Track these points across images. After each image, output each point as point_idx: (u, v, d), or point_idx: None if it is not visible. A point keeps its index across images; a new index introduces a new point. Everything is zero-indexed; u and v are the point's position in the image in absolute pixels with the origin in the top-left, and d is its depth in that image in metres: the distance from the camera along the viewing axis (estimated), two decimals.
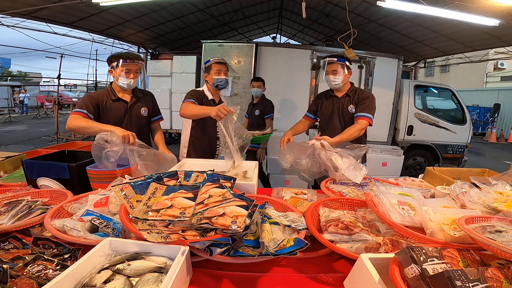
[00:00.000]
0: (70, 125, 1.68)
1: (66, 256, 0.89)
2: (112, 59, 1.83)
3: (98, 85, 13.14)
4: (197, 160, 1.91)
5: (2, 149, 7.07)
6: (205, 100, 2.16)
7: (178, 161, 2.04)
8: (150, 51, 7.14)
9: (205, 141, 2.24)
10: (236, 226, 0.87)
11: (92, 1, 3.56)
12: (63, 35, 6.07)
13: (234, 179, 1.23)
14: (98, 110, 1.82)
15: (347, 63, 2.09)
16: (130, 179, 1.16)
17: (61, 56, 9.51)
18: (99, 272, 0.78)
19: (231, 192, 1.09)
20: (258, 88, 3.41)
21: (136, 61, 1.82)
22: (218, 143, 2.29)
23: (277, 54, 4.51)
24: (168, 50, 7.72)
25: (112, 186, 1.11)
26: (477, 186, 1.29)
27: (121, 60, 1.79)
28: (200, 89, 2.23)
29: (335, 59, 2.08)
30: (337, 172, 1.63)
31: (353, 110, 2.12)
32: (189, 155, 2.20)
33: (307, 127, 2.36)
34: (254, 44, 4.43)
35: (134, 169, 1.50)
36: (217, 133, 2.26)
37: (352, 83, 2.20)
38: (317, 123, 2.33)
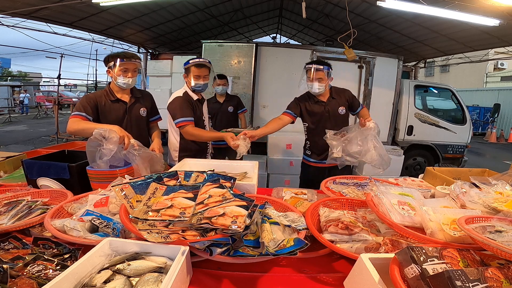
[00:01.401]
0: (70, 129, 1.68)
1: (66, 256, 0.90)
2: (109, 59, 1.82)
3: (98, 85, 13.12)
4: (197, 160, 1.90)
5: (2, 149, 7.07)
6: (193, 103, 2.07)
7: (170, 165, 2.02)
8: (150, 51, 7.14)
9: (196, 144, 2.16)
10: (236, 226, 0.87)
11: (92, 1, 3.55)
12: (63, 35, 6.06)
13: (234, 179, 1.23)
14: (97, 111, 1.81)
15: (330, 69, 2.14)
16: (130, 179, 1.16)
17: (61, 56, 9.51)
18: (99, 272, 0.78)
19: (231, 192, 1.09)
20: (223, 86, 3.36)
21: (133, 60, 1.81)
22: (208, 144, 2.25)
23: (277, 54, 4.51)
24: (168, 50, 7.71)
25: (112, 186, 1.11)
26: (477, 186, 1.29)
27: (118, 60, 1.78)
28: (183, 91, 2.09)
29: (321, 67, 2.08)
30: (371, 151, 1.89)
31: (344, 111, 2.22)
32: (181, 159, 2.05)
33: (286, 123, 2.27)
34: (254, 44, 4.42)
35: (136, 169, 1.51)
36: None
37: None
38: (305, 125, 2.35)
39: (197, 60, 2.00)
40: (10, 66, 26.97)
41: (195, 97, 2.11)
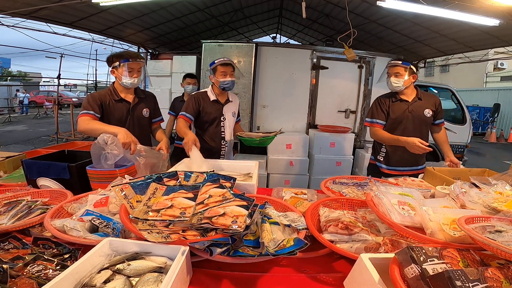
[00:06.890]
0: (81, 128, 1.70)
1: (66, 256, 0.89)
2: (113, 59, 1.82)
3: (98, 85, 13.15)
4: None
5: (2, 149, 7.06)
6: (206, 102, 2.19)
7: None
8: (150, 51, 7.14)
9: (208, 142, 2.23)
10: (236, 226, 0.87)
11: (92, 1, 3.55)
12: (63, 35, 6.05)
13: (234, 179, 1.23)
14: (102, 109, 1.82)
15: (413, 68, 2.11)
16: (130, 179, 1.16)
17: (61, 56, 9.53)
18: (99, 272, 0.78)
19: (231, 192, 1.09)
20: (193, 86, 3.40)
21: (137, 60, 1.83)
22: (223, 143, 2.27)
23: (277, 54, 4.50)
24: (168, 50, 7.71)
25: (112, 186, 1.11)
26: (477, 186, 1.29)
27: (123, 60, 1.79)
28: (203, 90, 2.26)
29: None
30: None
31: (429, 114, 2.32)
32: None
33: None
34: (254, 44, 4.42)
35: (138, 167, 1.52)
36: (222, 134, 2.26)
37: None
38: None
39: (222, 59, 2.15)
40: (10, 66, 26.97)
41: (212, 97, 2.22)
